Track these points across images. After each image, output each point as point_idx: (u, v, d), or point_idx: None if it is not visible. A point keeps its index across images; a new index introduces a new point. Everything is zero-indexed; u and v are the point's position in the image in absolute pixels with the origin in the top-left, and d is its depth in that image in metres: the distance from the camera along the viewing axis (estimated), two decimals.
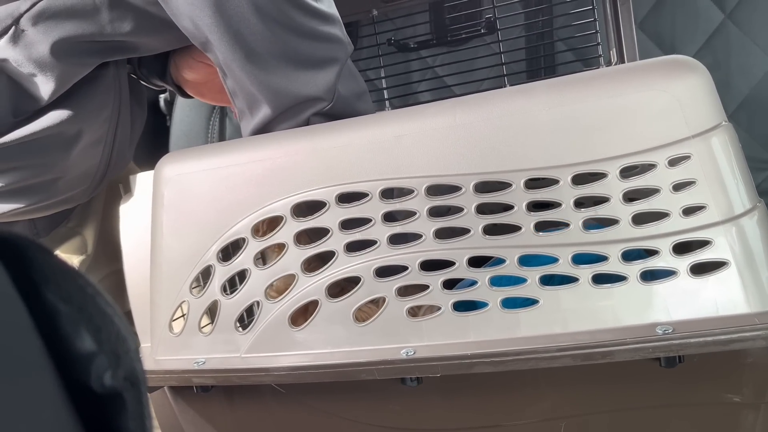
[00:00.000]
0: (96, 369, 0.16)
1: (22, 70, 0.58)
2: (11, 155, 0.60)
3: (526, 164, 0.46)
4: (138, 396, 0.16)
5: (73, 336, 0.16)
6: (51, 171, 0.63)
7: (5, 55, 0.57)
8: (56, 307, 0.15)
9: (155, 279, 0.56)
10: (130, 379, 0.16)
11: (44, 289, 0.15)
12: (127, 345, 0.16)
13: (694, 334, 0.41)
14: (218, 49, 0.55)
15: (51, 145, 0.61)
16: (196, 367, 0.52)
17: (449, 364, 0.46)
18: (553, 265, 0.46)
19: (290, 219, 0.51)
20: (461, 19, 1.05)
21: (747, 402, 0.45)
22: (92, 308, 0.15)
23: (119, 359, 0.16)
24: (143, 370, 0.16)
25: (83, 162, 0.65)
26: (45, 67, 0.58)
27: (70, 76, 0.60)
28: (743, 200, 0.43)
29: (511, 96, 0.48)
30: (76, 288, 0.15)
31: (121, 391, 0.16)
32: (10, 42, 0.56)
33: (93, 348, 0.16)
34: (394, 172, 0.49)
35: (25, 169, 0.61)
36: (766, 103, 1.06)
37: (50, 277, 0.15)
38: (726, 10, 1.09)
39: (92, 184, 0.68)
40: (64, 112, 0.60)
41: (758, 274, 0.43)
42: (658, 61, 0.46)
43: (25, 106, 0.60)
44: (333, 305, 0.50)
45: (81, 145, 0.63)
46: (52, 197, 0.65)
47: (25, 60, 0.57)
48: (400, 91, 1.10)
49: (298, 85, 0.56)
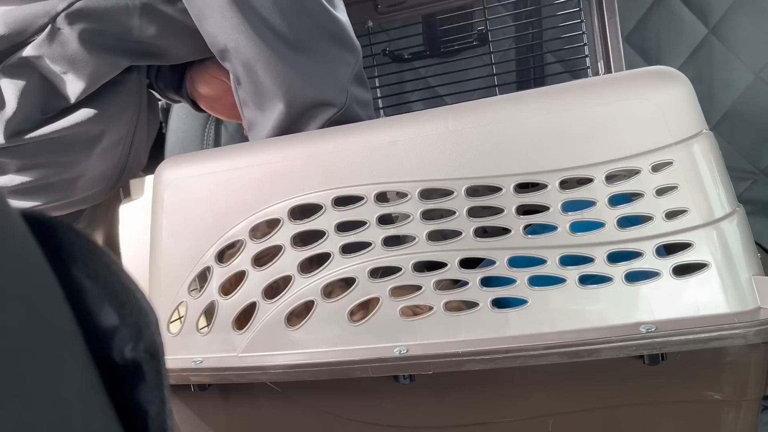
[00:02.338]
0: (118, 342, 0.17)
1: (55, 68, 0.60)
2: (37, 151, 0.62)
3: (515, 169, 0.48)
4: (157, 367, 0.17)
5: (98, 311, 0.17)
6: (72, 169, 0.65)
7: (40, 52, 0.59)
8: (83, 284, 0.17)
9: (154, 280, 0.57)
10: (150, 351, 0.17)
11: (72, 267, 0.17)
12: (149, 319, 0.17)
13: (676, 332, 0.43)
14: (244, 47, 0.56)
15: (75, 143, 0.63)
16: (194, 366, 0.53)
17: (441, 362, 0.47)
18: (542, 266, 0.48)
19: (287, 221, 0.53)
20: (454, 31, 1.07)
21: (728, 399, 0.47)
22: (116, 284, 0.17)
23: (141, 332, 0.17)
24: (162, 342, 0.17)
25: (103, 162, 0.67)
26: (77, 65, 0.60)
27: (99, 75, 0.62)
28: (723, 204, 0.45)
29: (502, 104, 0.50)
30: (101, 265, 0.17)
31: (141, 363, 0.17)
32: (47, 40, 0.58)
33: (116, 322, 0.17)
34: (388, 176, 0.51)
35: (49, 167, 0.63)
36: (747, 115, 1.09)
37: (78, 256, 0.17)
38: (709, 24, 1.12)
39: (108, 185, 0.70)
40: (90, 111, 0.62)
41: (737, 275, 0.44)
42: (642, 72, 0.48)
43: (53, 104, 0.62)
44: (328, 305, 0.51)
45: (102, 145, 0.65)
46: (70, 196, 0.67)
47: (59, 57, 0.59)
48: (393, 100, 1.12)
49: (314, 86, 0.58)
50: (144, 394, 0.18)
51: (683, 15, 1.13)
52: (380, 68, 1.10)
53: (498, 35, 1.09)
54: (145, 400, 0.18)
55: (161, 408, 0.18)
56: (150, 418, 0.18)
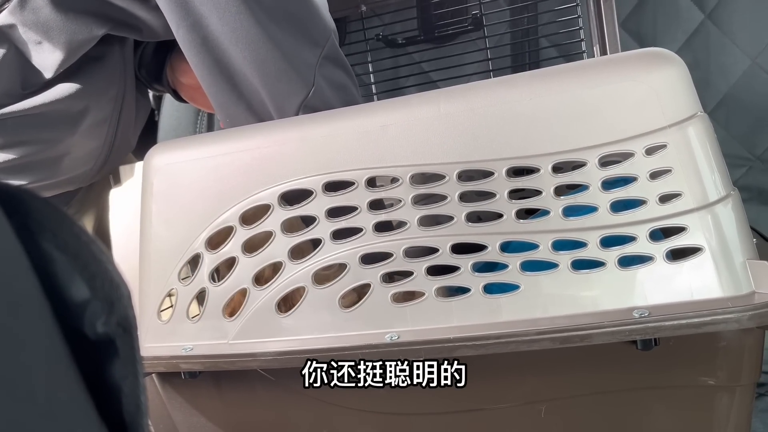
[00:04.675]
0: (90, 315, 0.17)
1: (29, 36, 0.58)
2: (19, 127, 0.61)
3: (507, 153, 0.48)
4: (130, 341, 0.17)
5: (68, 283, 0.16)
6: (56, 147, 0.64)
7: (13, 20, 0.58)
8: (52, 255, 0.16)
9: (144, 267, 0.57)
10: (123, 325, 0.17)
11: (40, 238, 0.16)
12: (121, 291, 0.16)
13: (669, 317, 0.43)
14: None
15: (58, 119, 0.62)
16: (184, 353, 0.53)
17: (432, 348, 0.47)
18: (534, 251, 0.47)
19: (277, 207, 0.52)
20: (448, 16, 1.07)
21: (722, 385, 0.47)
22: (87, 256, 0.16)
23: (113, 306, 0.16)
24: (135, 316, 0.17)
25: (88, 141, 0.66)
26: (52, 33, 0.58)
27: (76, 45, 0.60)
28: (718, 188, 0.45)
29: (494, 87, 0.49)
30: (71, 236, 0.16)
31: (114, 338, 0.17)
32: (18, 7, 0.57)
33: (87, 295, 0.16)
34: (379, 161, 0.50)
35: (32, 144, 0.62)
36: (744, 101, 1.09)
37: (46, 226, 0.16)
38: (706, 10, 1.11)
39: (96, 166, 0.69)
40: (72, 86, 0.61)
41: (731, 259, 0.44)
42: (636, 54, 0.47)
43: (33, 79, 0.61)
44: (319, 292, 0.51)
45: (87, 122, 0.64)
46: (56, 176, 0.66)
47: (32, 24, 0.58)
48: (387, 86, 1.11)
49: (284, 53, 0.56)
50: (118, 370, 0.17)
51: (680, 0, 1.12)
52: (374, 53, 1.09)
53: (493, 20, 1.08)
54: (119, 376, 0.17)
55: (135, 384, 0.17)
56: (124, 394, 0.17)
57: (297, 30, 0.57)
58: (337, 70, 0.61)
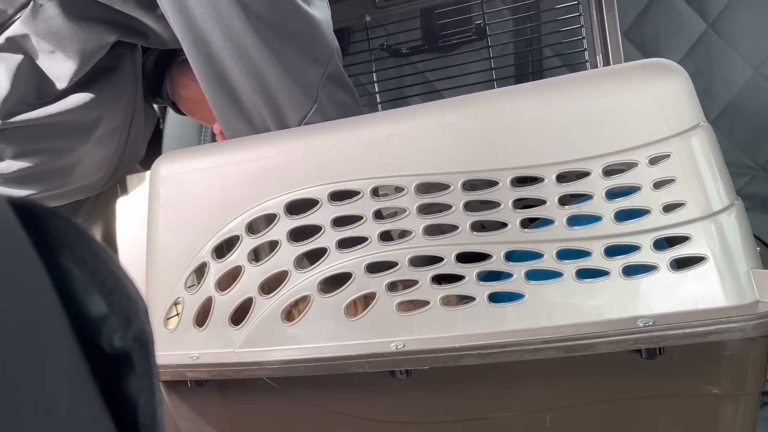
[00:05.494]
0: (107, 330, 0.17)
1: (42, 46, 0.59)
2: (33, 136, 0.62)
3: (512, 163, 0.48)
4: (146, 356, 0.17)
5: (86, 299, 0.17)
6: (69, 156, 0.64)
7: (26, 30, 0.58)
8: (71, 271, 0.17)
9: (150, 276, 0.57)
10: (140, 340, 0.17)
11: (59, 254, 0.16)
12: (138, 307, 0.17)
13: (674, 326, 0.43)
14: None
15: (71, 128, 0.63)
16: (191, 362, 0.53)
17: (437, 357, 0.47)
18: (539, 260, 0.47)
19: (283, 216, 0.52)
20: (451, 26, 1.07)
21: (726, 394, 0.47)
22: (105, 272, 0.17)
23: (130, 321, 0.17)
24: (152, 331, 0.17)
25: (100, 150, 0.67)
26: (64, 42, 0.59)
27: (88, 53, 0.61)
28: (721, 197, 0.45)
29: (499, 97, 0.50)
30: (89, 252, 0.16)
31: (130, 352, 0.17)
32: (30, 16, 0.58)
33: (105, 310, 0.17)
34: (384, 170, 0.51)
35: (45, 153, 0.63)
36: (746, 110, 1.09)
37: (65, 242, 0.16)
38: (708, 19, 1.11)
39: (106, 175, 0.70)
40: (86, 96, 0.62)
41: (735, 268, 0.44)
42: (639, 64, 0.48)
43: (47, 88, 0.62)
44: (325, 300, 0.51)
45: (99, 131, 0.65)
46: (67, 185, 0.66)
47: (45, 33, 0.58)
48: (392, 95, 1.12)
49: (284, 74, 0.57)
50: (134, 384, 0.17)
51: (682, 10, 1.13)
52: (378, 63, 1.09)
53: (496, 29, 1.09)
54: (134, 390, 0.17)
55: (151, 397, 0.17)
56: (140, 407, 0.17)
57: (300, 48, 0.57)
58: (339, 90, 0.61)
